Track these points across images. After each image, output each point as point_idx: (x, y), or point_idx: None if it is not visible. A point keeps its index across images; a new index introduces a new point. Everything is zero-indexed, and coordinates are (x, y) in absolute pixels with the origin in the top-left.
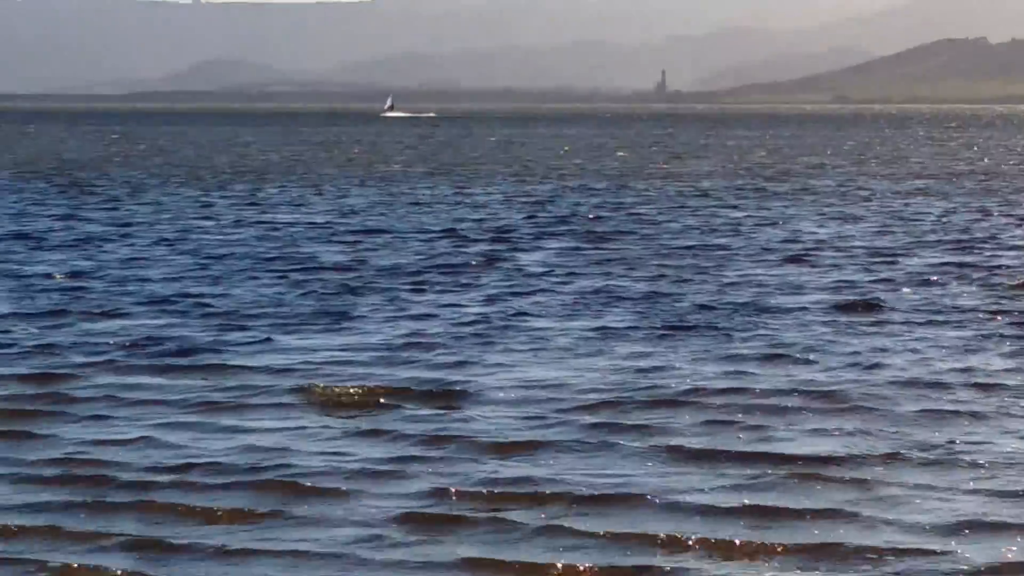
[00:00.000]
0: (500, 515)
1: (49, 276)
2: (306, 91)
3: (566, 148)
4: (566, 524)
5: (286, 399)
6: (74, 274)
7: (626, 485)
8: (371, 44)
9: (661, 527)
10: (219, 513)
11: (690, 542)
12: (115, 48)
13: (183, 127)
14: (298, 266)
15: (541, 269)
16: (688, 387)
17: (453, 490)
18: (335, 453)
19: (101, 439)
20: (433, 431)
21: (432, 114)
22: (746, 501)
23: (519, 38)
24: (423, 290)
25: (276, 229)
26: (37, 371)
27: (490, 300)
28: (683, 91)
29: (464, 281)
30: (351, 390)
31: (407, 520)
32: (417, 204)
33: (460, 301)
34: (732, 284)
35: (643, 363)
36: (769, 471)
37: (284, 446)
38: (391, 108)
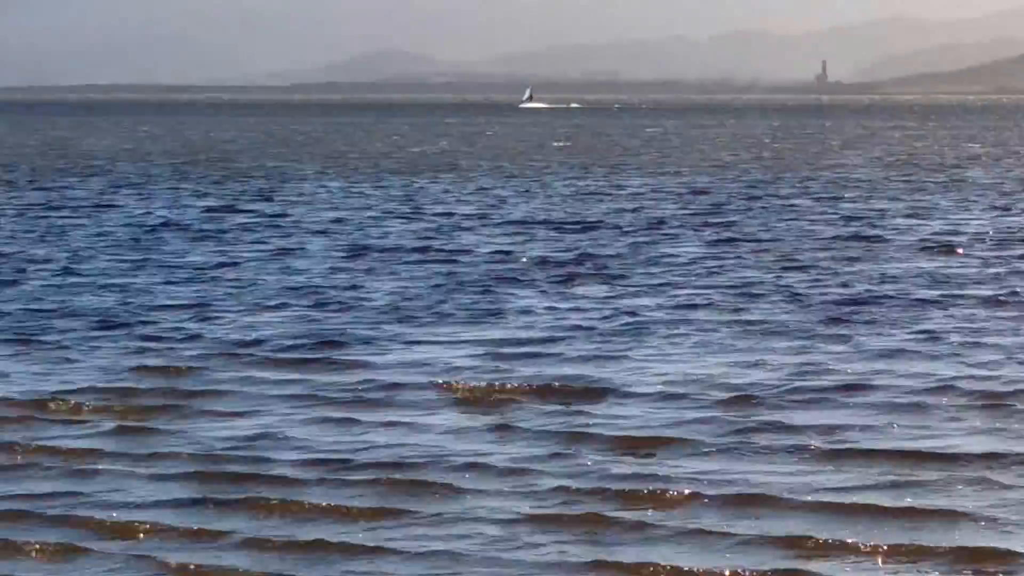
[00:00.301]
0: (637, 515)
1: (199, 267)
2: (465, 82)
3: (719, 139)
4: (705, 525)
5: (425, 395)
6: (221, 265)
7: (769, 485)
8: (531, 35)
9: (805, 529)
10: (352, 511)
11: (838, 544)
12: (275, 40)
13: (340, 118)
14: (446, 259)
15: (691, 261)
16: (838, 383)
17: (589, 489)
18: (473, 451)
19: (233, 434)
20: (572, 428)
21: (574, 104)
22: (905, 501)
23: (680, 28)
24: (570, 283)
25: (425, 221)
26: (175, 363)
27: (637, 293)
28: (844, 81)
29: (612, 273)
30: (491, 386)
31: (543, 520)
32: (567, 195)
33: (606, 294)
34: (885, 276)
35: (791, 358)
36: (923, 470)
37: (421, 443)
38: (530, 99)
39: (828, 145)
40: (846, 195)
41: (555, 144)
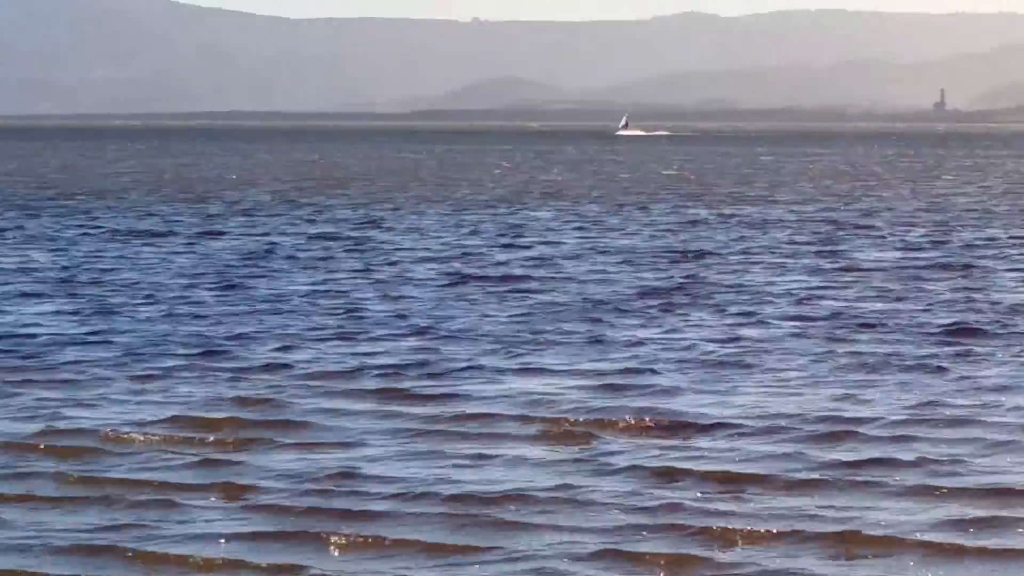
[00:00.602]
0: (729, 555)
1: (298, 296)
2: (582, 109)
3: (812, 166)
4: (800, 565)
5: (518, 427)
6: (320, 293)
7: (870, 522)
8: (647, 62)
9: (903, 569)
10: (433, 546)
11: None
12: (395, 66)
13: (456, 145)
14: (548, 288)
15: (796, 291)
16: (943, 417)
17: (680, 525)
18: (562, 484)
19: (317, 467)
20: (666, 462)
21: (665, 132)
22: (1013, 542)
23: (797, 55)
24: (672, 312)
25: (529, 249)
26: (267, 394)
27: (740, 324)
28: (962, 109)
29: (716, 303)
30: (586, 419)
31: (629, 557)
32: (673, 223)
33: (709, 324)
34: (994, 308)
35: (895, 392)
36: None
37: (509, 477)
38: (626, 126)
39: (940, 173)
40: (956, 224)
41: (665, 172)
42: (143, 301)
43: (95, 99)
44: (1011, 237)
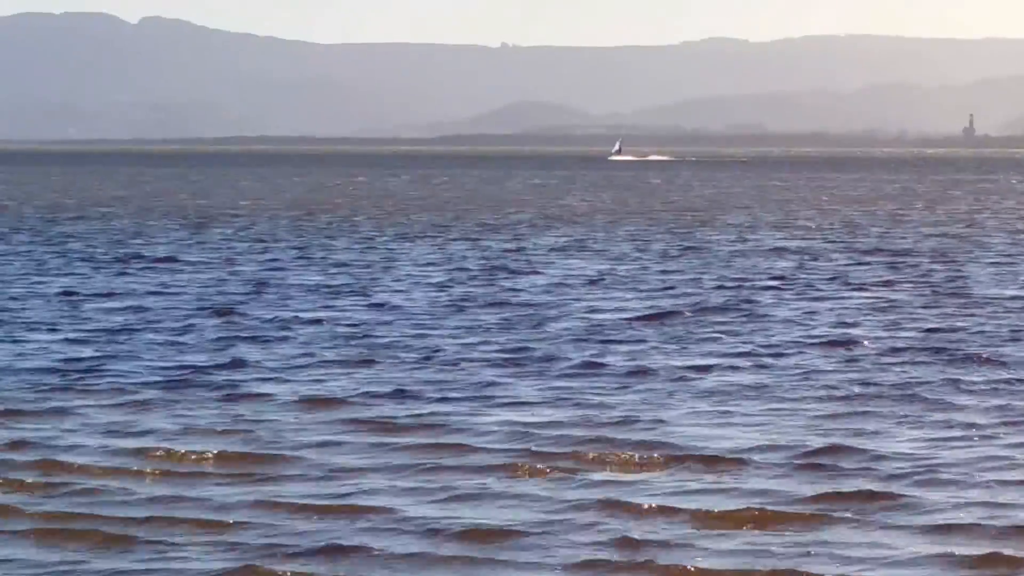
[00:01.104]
0: None
1: (295, 323)
2: (610, 134)
3: (825, 196)
4: None
5: (507, 458)
6: (315, 321)
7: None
8: (675, 88)
9: None
10: None
11: None
12: (423, 91)
13: (482, 171)
14: (551, 316)
15: (808, 317)
16: (977, 455)
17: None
18: (545, 521)
19: (311, 500)
20: (668, 502)
21: (658, 157)
22: None
23: (825, 80)
24: (672, 344)
25: (536, 276)
26: (252, 424)
27: (747, 353)
28: (992, 135)
29: (714, 333)
30: (576, 453)
31: None
32: (672, 251)
33: (710, 352)
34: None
35: (927, 430)
36: None
37: (500, 514)
38: (619, 152)
39: (964, 199)
40: (962, 257)
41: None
42: (134, 325)
43: (121, 124)
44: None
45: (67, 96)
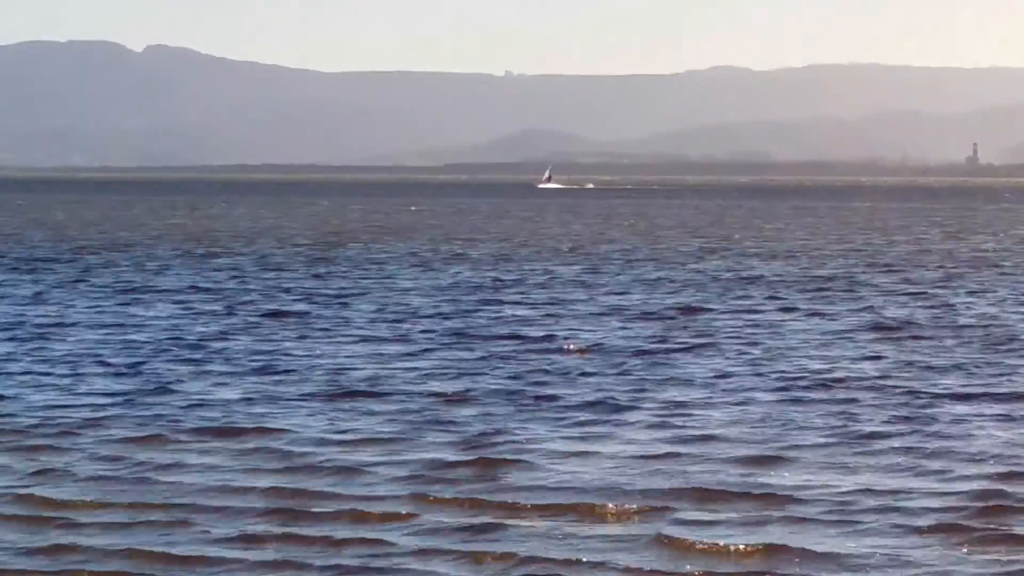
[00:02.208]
0: None
1: (272, 357)
2: (614, 162)
3: (818, 227)
4: None
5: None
6: (306, 354)
7: None
8: (679, 116)
9: None
10: None
11: None
12: (427, 119)
13: (485, 199)
14: (540, 348)
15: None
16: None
17: None
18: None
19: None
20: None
21: (591, 185)
22: None
23: (829, 108)
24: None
25: (521, 305)
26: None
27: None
28: (995, 163)
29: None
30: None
31: None
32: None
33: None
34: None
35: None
36: None
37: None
38: (549, 179)
39: (959, 227)
40: (967, 283)
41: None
42: (105, 360)
43: (126, 151)
44: None
45: (71, 123)
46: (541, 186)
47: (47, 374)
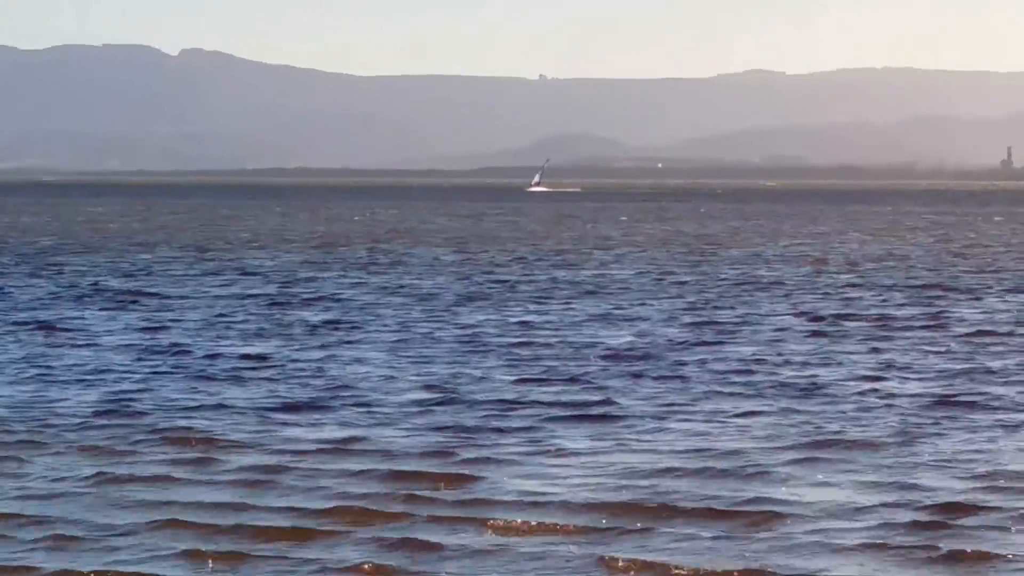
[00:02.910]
0: None
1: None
2: (650, 167)
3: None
4: None
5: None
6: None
7: None
8: (715, 119)
9: None
10: None
11: None
12: (460, 123)
13: (513, 203)
14: (551, 355)
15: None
16: None
17: None
18: None
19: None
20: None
21: (577, 189)
22: None
23: (862, 112)
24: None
25: (541, 315)
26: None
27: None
28: None
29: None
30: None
31: None
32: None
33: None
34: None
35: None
36: None
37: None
38: (538, 184)
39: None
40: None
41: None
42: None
43: (160, 155)
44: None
45: (108, 128)
46: (530, 189)
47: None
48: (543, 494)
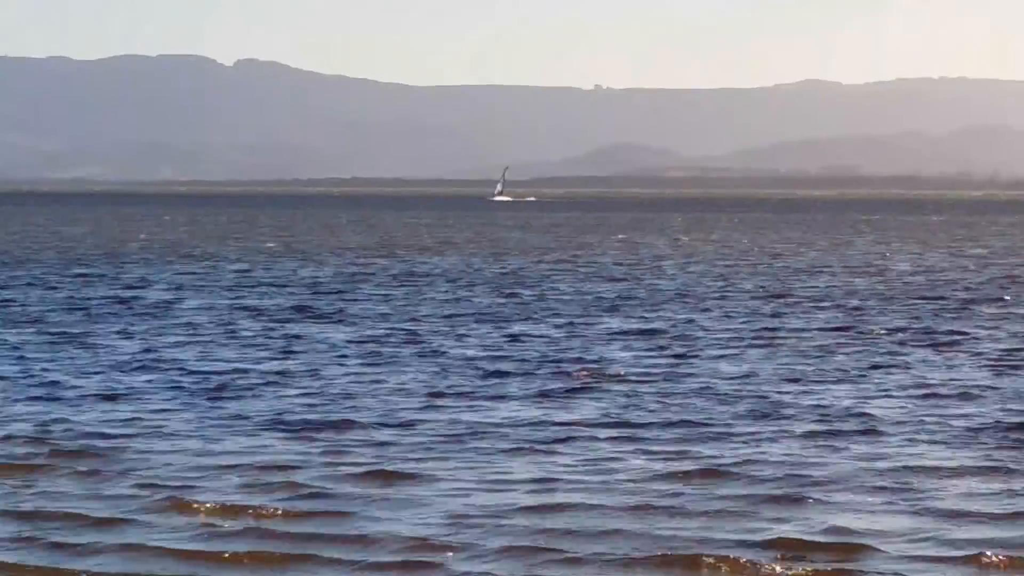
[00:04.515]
0: None
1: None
2: (704, 176)
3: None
4: None
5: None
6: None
7: None
8: (770, 130)
9: None
10: None
11: None
12: (515, 133)
13: (568, 213)
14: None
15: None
16: None
17: None
18: None
19: None
20: None
21: (532, 198)
22: None
23: (918, 122)
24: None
25: (551, 328)
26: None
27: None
28: None
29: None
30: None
31: None
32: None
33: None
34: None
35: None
36: None
37: None
38: (500, 193)
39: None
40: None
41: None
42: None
43: (216, 165)
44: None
45: (162, 137)
46: (495, 199)
47: None
48: None
